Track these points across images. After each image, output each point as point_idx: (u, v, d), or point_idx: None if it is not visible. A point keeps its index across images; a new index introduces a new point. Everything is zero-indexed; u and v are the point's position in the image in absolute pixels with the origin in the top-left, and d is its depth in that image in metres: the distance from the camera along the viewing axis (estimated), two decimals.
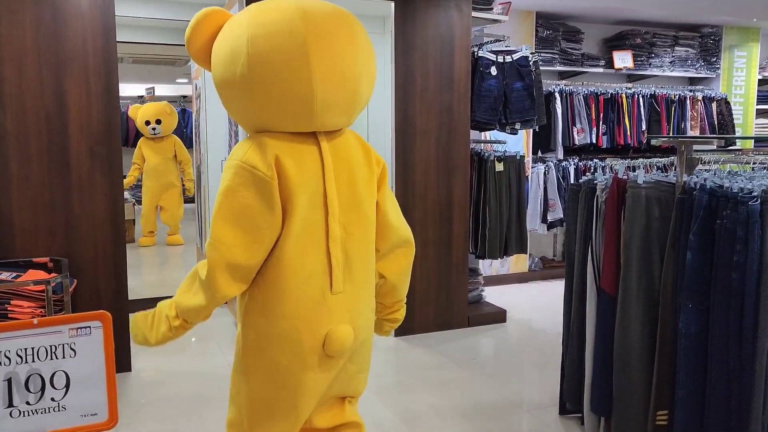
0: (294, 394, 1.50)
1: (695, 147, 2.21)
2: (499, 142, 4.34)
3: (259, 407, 1.54)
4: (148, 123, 6.38)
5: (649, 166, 3.19)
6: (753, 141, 5.16)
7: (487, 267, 5.01)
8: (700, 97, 5.55)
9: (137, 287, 4.12)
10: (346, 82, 1.44)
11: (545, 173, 5.03)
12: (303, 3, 1.41)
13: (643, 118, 5.32)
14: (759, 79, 5.95)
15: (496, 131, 4.14)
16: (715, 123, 5.62)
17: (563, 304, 2.62)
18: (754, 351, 1.81)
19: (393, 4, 3.62)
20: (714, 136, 5.29)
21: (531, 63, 4.01)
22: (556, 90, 5.04)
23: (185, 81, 8.72)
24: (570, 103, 5.10)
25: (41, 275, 2.71)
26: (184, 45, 1.55)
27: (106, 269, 3.08)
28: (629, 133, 5.27)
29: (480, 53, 3.90)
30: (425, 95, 3.74)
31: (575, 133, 5.11)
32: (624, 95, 5.26)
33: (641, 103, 5.31)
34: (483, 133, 4.54)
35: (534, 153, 5.14)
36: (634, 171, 2.46)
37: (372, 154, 1.60)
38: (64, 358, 1.85)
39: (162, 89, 8.83)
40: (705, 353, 1.96)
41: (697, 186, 1.99)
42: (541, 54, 5.08)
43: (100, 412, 1.88)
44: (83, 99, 2.99)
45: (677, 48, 5.61)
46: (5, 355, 1.80)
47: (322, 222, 1.47)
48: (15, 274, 2.67)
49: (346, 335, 1.49)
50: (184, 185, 6.73)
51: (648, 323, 2.16)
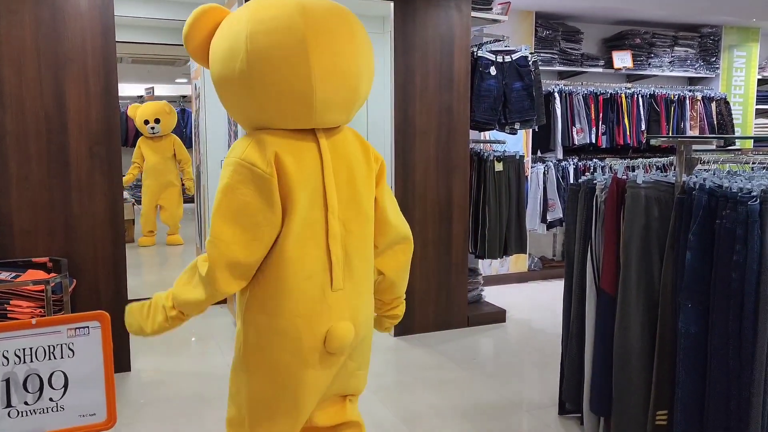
0: (295, 391, 1.50)
1: (694, 147, 2.22)
2: (499, 142, 4.34)
3: (260, 405, 1.53)
4: (147, 122, 6.38)
5: (649, 166, 3.19)
6: (752, 141, 5.16)
7: (487, 267, 5.01)
8: (699, 97, 5.55)
9: (137, 287, 4.11)
10: (345, 78, 1.43)
11: (545, 173, 5.03)
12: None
13: (643, 118, 5.32)
14: (758, 79, 5.95)
15: (495, 131, 4.14)
16: (715, 123, 5.62)
17: (563, 303, 2.62)
18: (753, 350, 1.81)
19: (392, 4, 3.61)
20: (713, 136, 5.29)
21: (530, 63, 4.01)
22: (555, 90, 5.04)
23: (185, 81, 8.72)
24: (569, 103, 5.09)
25: (40, 275, 2.71)
26: (183, 44, 1.55)
27: (105, 269, 3.08)
28: (629, 133, 5.27)
29: (479, 53, 3.90)
30: (425, 95, 3.74)
31: (575, 133, 5.11)
32: (623, 95, 5.26)
33: (641, 103, 5.31)
34: (482, 133, 4.54)
35: (533, 153, 5.14)
36: (633, 171, 2.46)
37: (370, 150, 1.60)
38: (62, 358, 1.85)
39: (161, 89, 8.83)
40: (704, 353, 1.96)
41: (697, 186, 1.99)
42: (541, 54, 5.07)
43: (98, 412, 1.88)
44: (82, 99, 2.99)
45: (677, 48, 5.61)
46: (3, 356, 1.80)
47: (321, 219, 1.47)
48: (14, 274, 2.67)
49: (346, 332, 1.49)
50: (183, 185, 6.73)
51: (647, 323, 2.16)
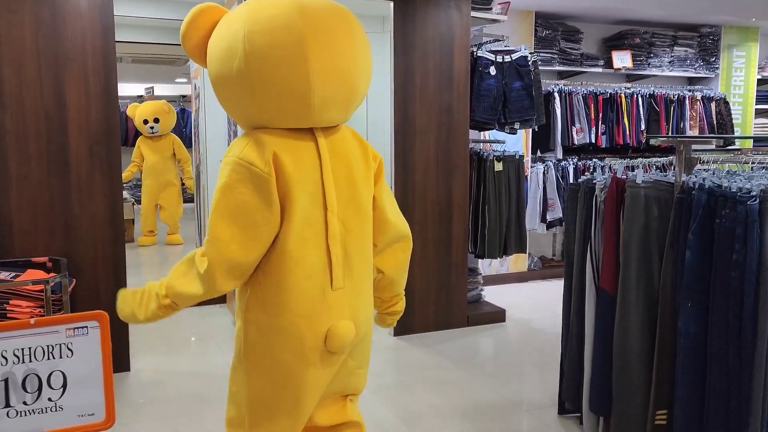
0: (296, 391, 1.50)
1: (694, 147, 2.22)
2: (499, 141, 4.34)
3: (260, 405, 1.53)
4: (146, 122, 6.38)
5: (648, 165, 3.19)
6: (752, 141, 5.16)
7: (487, 266, 5.01)
8: (699, 97, 5.55)
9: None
10: (343, 77, 1.43)
11: (544, 173, 5.03)
12: None
13: (642, 117, 5.32)
14: (758, 79, 5.95)
15: (495, 131, 4.14)
16: (714, 123, 5.62)
17: (562, 303, 2.62)
18: (753, 350, 1.81)
19: (392, 3, 3.61)
20: (713, 135, 5.29)
21: (530, 63, 4.01)
22: (555, 90, 5.04)
23: (184, 80, 8.72)
24: (569, 103, 5.09)
25: (40, 275, 2.71)
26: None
27: (105, 269, 3.08)
28: (628, 133, 5.27)
29: (479, 53, 3.90)
30: (425, 95, 3.74)
31: (574, 133, 5.11)
32: (623, 95, 5.26)
33: (640, 103, 5.31)
34: (482, 133, 4.53)
35: (533, 153, 5.14)
36: (632, 170, 2.46)
37: (369, 149, 1.60)
38: (61, 358, 1.85)
39: (161, 89, 8.84)
40: (704, 352, 1.96)
41: (696, 185, 1.99)
42: (540, 54, 5.07)
43: (97, 412, 1.88)
44: (82, 99, 2.99)
45: (676, 48, 5.61)
46: (2, 355, 1.80)
47: (320, 218, 1.47)
48: (14, 273, 2.67)
49: (347, 331, 1.49)
50: (184, 184, 6.74)
51: (647, 323, 2.16)
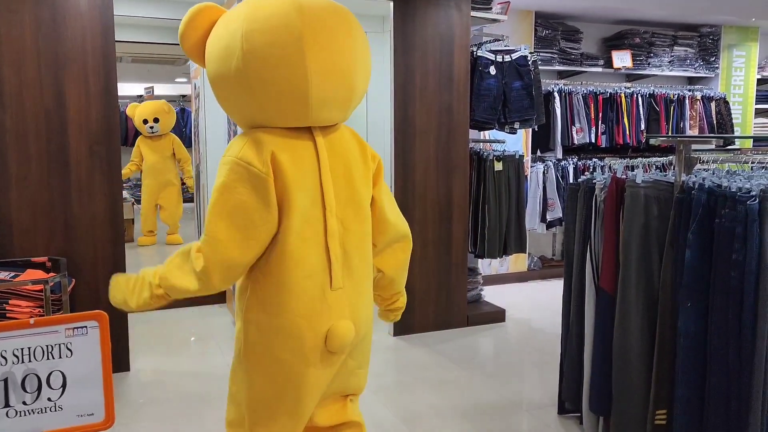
0: (297, 391, 1.50)
1: (694, 146, 2.21)
2: (499, 141, 4.34)
3: (261, 405, 1.53)
4: (146, 122, 6.37)
5: (648, 165, 3.19)
6: (752, 140, 5.16)
7: (487, 266, 5.01)
8: (698, 97, 5.55)
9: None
10: (342, 77, 1.43)
11: (544, 172, 5.03)
12: None
13: (642, 117, 5.32)
14: (758, 79, 5.95)
15: (495, 130, 4.14)
16: (714, 122, 5.62)
17: (562, 303, 2.61)
18: (753, 349, 1.81)
19: (392, 3, 3.61)
20: (713, 135, 5.29)
21: (530, 62, 4.01)
22: (555, 89, 5.04)
23: (184, 80, 8.72)
24: (569, 103, 5.09)
25: (40, 275, 2.70)
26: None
27: (105, 269, 3.08)
28: (628, 133, 5.27)
29: (479, 53, 3.90)
30: (424, 95, 3.74)
31: (574, 133, 5.11)
32: (623, 95, 5.26)
33: (640, 103, 5.31)
34: (482, 133, 4.53)
35: (533, 152, 5.14)
36: (632, 170, 2.46)
37: (367, 149, 1.60)
38: (60, 358, 1.85)
39: (161, 89, 8.83)
40: (704, 352, 1.95)
41: (696, 185, 1.99)
42: (540, 53, 5.07)
43: (96, 412, 1.88)
44: (82, 98, 2.98)
45: (676, 47, 5.61)
46: (1, 356, 1.79)
47: (319, 217, 1.47)
48: (13, 273, 2.67)
49: (347, 331, 1.49)
50: (184, 183, 6.73)
51: (647, 322, 2.16)
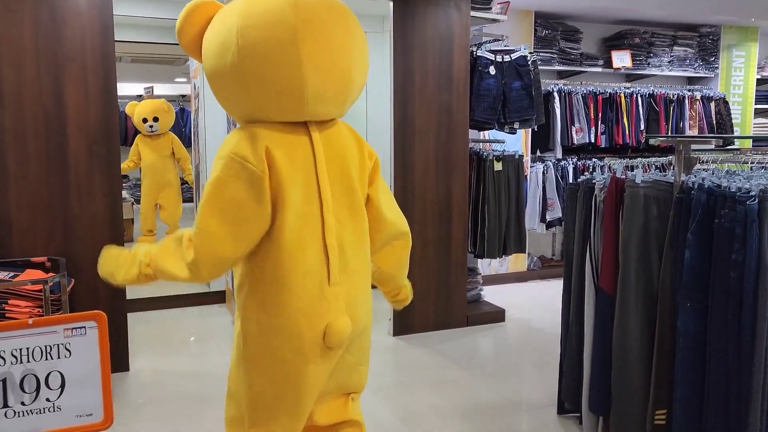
0: (297, 388, 1.50)
1: (693, 146, 2.21)
2: (498, 141, 4.34)
3: (261, 404, 1.53)
4: (145, 120, 6.36)
5: (648, 165, 3.19)
6: (751, 140, 5.16)
7: (486, 266, 5.01)
8: (698, 97, 5.55)
9: (136, 286, 4.10)
10: (338, 71, 1.43)
11: (544, 172, 5.02)
12: None
13: (642, 117, 5.32)
14: (757, 79, 5.95)
15: (494, 130, 4.14)
16: (714, 122, 5.62)
17: (561, 303, 2.61)
18: (752, 349, 1.81)
19: (392, 3, 3.61)
20: (712, 135, 5.29)
21: (530, 62, 4.01)
22: (554, 89, 5.04)
23: (184, 80, 8.71)
24: (569, 103, 5.09)
25: (39, 275, 2.70)
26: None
27: None
28: (628, 133, 5.27)
29: (479, 53, 3.90)
30: (424, 95, 3.73)
31: (574, 133, 5.11)
32: (622, 95, 5.26)
33: (640, 103, 5.31)
34: (482, 133, 4.53)
35: (533, 152, 5.14)
36: (632, 170, 2.45)
37: (365, 146, 1.60)
38: (59, 358, 1.85)
39: (161, 88, 8.82)
40: (703, 352, 1.95)
41: (695, 185, 1.99)
42: (540, 53, 5.07)
43: (95, 412, 1.88)
44: (81, 98, 2.98)
45: (676, 48, 5.61)
46: (0, 356, 1.79)
47: (316, 213, 1.47)
48: (13, 273, 2.66)
49: (345, 326, 1.50)
50: (184, 183, 6.72)
51: (646, 322, 2.16)
